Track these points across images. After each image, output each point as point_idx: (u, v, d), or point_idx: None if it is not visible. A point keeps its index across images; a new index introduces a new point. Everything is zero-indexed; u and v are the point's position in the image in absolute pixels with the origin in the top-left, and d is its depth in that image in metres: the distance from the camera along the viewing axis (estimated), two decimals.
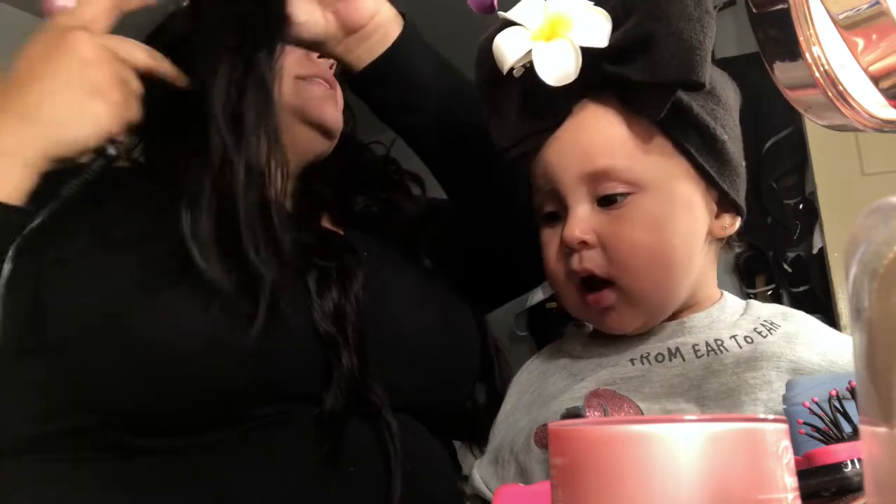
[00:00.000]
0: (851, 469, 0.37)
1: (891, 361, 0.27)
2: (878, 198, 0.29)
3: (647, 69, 0.55)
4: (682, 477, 0.25)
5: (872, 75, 0.36)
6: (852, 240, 0.29)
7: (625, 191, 0.58)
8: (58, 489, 0.59)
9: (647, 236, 0.58)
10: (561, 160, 0.60)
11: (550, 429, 0.29)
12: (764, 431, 0.26)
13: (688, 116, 0.59)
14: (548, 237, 0.63)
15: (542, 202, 0.63)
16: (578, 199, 0.59)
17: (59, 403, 0.59)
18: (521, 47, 0.57)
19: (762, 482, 0.25)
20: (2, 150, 0.57)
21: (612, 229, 0.58)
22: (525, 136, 0.61)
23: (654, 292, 0.60)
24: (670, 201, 0.59)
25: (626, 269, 0.58)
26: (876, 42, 0.35)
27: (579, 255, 0.59)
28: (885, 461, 0.27)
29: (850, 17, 0.35)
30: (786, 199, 2.15)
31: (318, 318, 0.62)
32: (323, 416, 0.60)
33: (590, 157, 0.59)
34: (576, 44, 0.55)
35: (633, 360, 0.60)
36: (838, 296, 1.87)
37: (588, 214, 0.59)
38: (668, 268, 0.59)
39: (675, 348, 0.60)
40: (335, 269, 0.65)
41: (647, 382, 0.58)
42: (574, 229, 0.58)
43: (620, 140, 0.59)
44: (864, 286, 0.28)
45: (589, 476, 0.26)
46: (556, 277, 0.62)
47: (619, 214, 0.58)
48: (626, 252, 0.58)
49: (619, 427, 0.26)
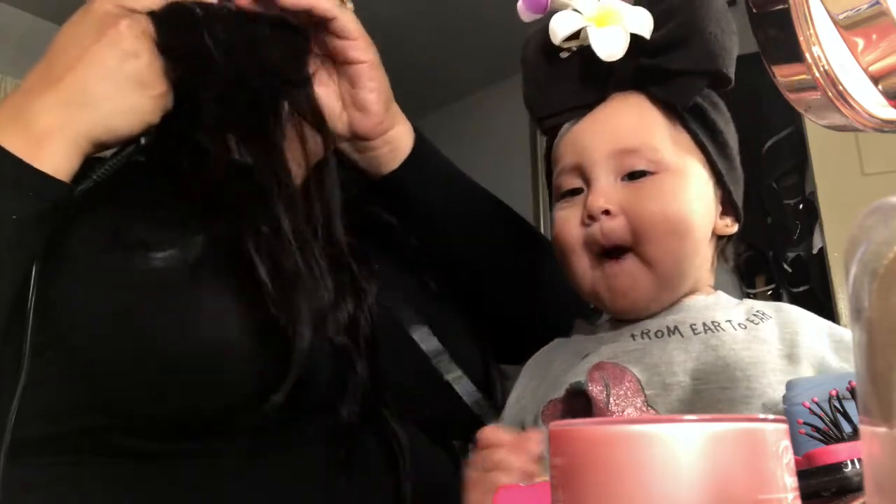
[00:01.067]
0: (851, 469, 0.37)
1: (891, 361, 0.27)
2: (878, 198, 0.29)
3: (683, 60, 0.63)
4: (682, 477, 0.25)
5: (872, 75, 0.36)
6: (852, 240, 0.29)
7: (650, 169, 0.63)
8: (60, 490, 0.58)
9: (668, 207, 0.63)
10: (594, 136, 0.65)
11: (550, 429, 0.29)
12: (764, 431, 0.26)
13: (704, 117, 0.66)
14: (566, 212, 0.67)
15: (563, 180, 0.67)
16: (604, 173, 0.64)
17: (66, 404, 0.58)
18: (575, 23, 0.65)
19: (762, 482, 0.25)
20: (49, 127, 0.56)
21: (636, 199, 0.63)
22: (565, 109, 0.67)
23: (669, 260, 0.63)
24: (689, 184, 0.64)
25: (646, 235, 0.62)
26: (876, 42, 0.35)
27: (600, 224, 0.63)
28: (886, 461, 0.27)
29: (850, 17, 0.35)
30: (786, 199, 2.15)
31: (332, 329, 0.61)
32: (339, 426, 0.59)
33: (622, 135, 0.64)
34: (627, 29, 0.63)
35: (634, 336, 0.64)
36: (838, 296, 1.87)
37: (612, 187, 0.64)
38: (685, 237, 0.63)
39: (673, 326, 0.63)
40: (350, 280, 0.65)
41: (646, 354, 0.61)
42: (599, 198, 0.63)
43: (650, 124, 0.65)
44: (864, 286, 0.28)
45: (589, 476, 0.26)
46: (571, 248, 0.66)
47: (641, 187, 0.63)
48: (649, 219, 0.62)
49: (619, 427, 0.26)
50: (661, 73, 0.64)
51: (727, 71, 0.63)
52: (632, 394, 0.59)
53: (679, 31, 0.63)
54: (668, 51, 0.63)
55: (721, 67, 0.63)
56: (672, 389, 0.58)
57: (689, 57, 0.63)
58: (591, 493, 0.26)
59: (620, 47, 0.63)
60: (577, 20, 0.65)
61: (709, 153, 0.66)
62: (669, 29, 0.63)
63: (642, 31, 0.64)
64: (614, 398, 0.59)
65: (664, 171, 0.63)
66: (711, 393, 0.57)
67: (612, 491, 0.25)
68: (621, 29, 0.63)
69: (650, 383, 0.59)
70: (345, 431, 0.59)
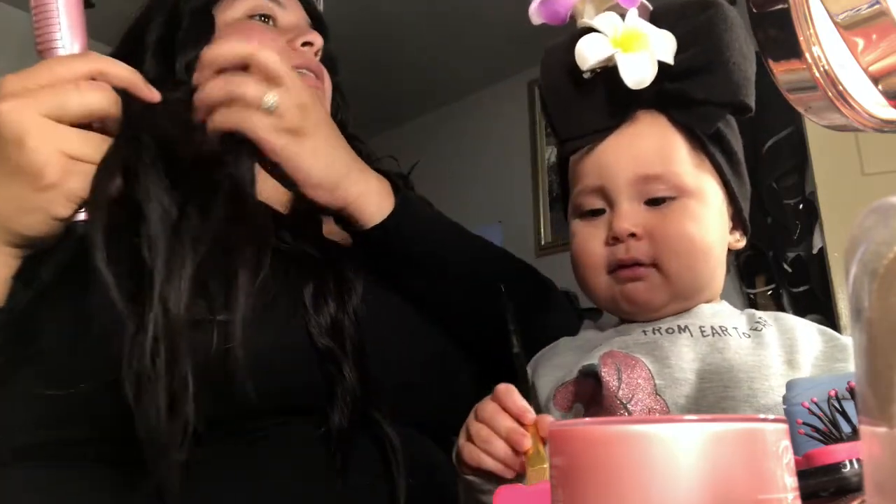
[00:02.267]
0: (850, 469, 0.37)
1: (891, 361, 0.27)
2: (878, 198, 0.29)
3: (707, 89, 0.64)
4: (682, 477, 0.25)
5: (872, 75, 0.36)
6: (852, 240, 0.29)
7: (671, 195, 0.66)
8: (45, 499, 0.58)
9: (690, 228, 0.66)
10: (618, 162, 0.67)
11: (550, 429, 0.29)
12: (764, 431, 0.26)
13: (722, 141, 0.69)
14: (587, 230, 0.69)
15: (584, 199, 0.69)
16: (629, 198, 0.66)
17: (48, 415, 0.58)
18: (604, 50, 0.65)
19: (762, 482, 0.25)
20: None
21: (660, 223, 0.66)
22: (589, 132, 0.68)
23: (688, 274, 0.66)
24: (708, 206, 0.67)
25: (670, 254, 0.65)
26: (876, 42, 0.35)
27: (626, 246, 0.66)
28: (886, 461, 0.27)
29: (850, 17, 0.35)
30: (786, 199, 2.15)
31: (315, 332, 0.61)
32: (331, 433, 0.59)
33: (645, 162, 0.66)
34: (654, 56, 0.64)
35: (645, 331, 0.66)
36: (838, 296, 1.87)
37: (636, 211, 0.66)
38: (706, 256, 0.66)
39: (683, 325, 0.66)
40: (332, 281, 0.64)
41: (657, 347, 0.64)
42: (624, 222, 0.65)
43: (672, 150, 0.67)
44: (864, 286, 0.28)
45: (589, 476, 0.26)
46: (593, 266, 0.68)
47: (664, 212, 0.66)
48: (673, 240, 0.65)
49: (619, 427, 0.26)
50: (685, 99, 0.65)
51: (748, 101, 0.65)
52: (643, 381, 0.61)
53: (702, 57, 0.64)
54: (691, 77, 0.64)
55: (743, 98, 0.65)
56: (680, 384, 0.60)
57: (711, 86, 0.64)
58: (591, 493, 0.26)
59: (649, 75, 0.64)
60: (605, 47, 0.65)
61: (724, 174, 0.68)
62: (693, 54, 0.64)
63: (668, 58, 0.64)
64: (625, 384, 0.61)
65: (685, 196, 0.66)
66: (715, 392, 0.59)
67: (611, 491, 0.25)
68: (649, 56, 0.64)
69: (660, 374, 0.61)
70: (337, 436, 0.59)
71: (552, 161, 2.87)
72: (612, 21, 0.66)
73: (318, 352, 0.61)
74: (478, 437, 0.57)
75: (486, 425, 0.57)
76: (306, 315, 0.62)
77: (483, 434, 0.57)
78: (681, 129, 0.67)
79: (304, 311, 0.62)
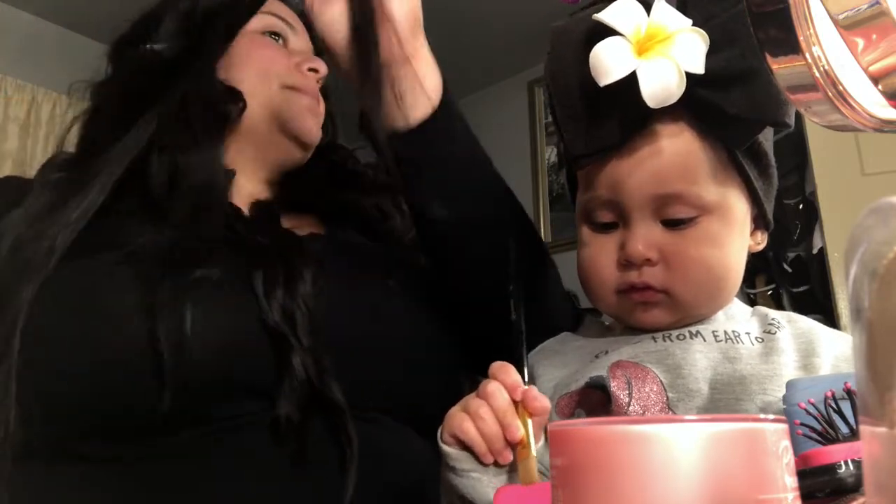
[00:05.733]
0: (846, 470, 0.37)
1: (891, 361, 0.27)
2: (878, 198, 0.29)
3: (745, 104, 0.56)
4: (682, 477, 0.25)
5: (872, 75, 0.35)
6: (852, 240, 0.29)
7: (692, 215, 0.60)
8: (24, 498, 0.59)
9: (709, 254, 0.60)
10: (634, 178, 0.60)
11: (550, 429, 0.29)
12: (764, 431, 0.26)
13: (756, 147, 0.62)
14: (598, 244, 0.64)
15: (596, 210, 0.64)
16: (644, 217, 0.61)
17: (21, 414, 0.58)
18: (625, 65, 0.56)
19: (762, 482, 0.25)
20: None
21: (677, 248, 0.60)
22: (605, 148, 0.61)
23: (702, 301, 0.63)
24: (730, 223, 0.62)
25: (685, 282, 0.61)
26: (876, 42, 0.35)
27: (639, 270, 0.61)
28: (886, 461, 0.27)
29: (850, 17, 0.35)
30: (786, 199, 2.15)
31: (267, 319, 0.61)
32: (279, 422, 0.59)
33: (665, 180, 0.60)
34: (681, 67, 0.55)
35: (655, 339, 0.63)
36: (838, 296, 1.87)
37: (651, 232, 0.61)
38: (723, 283, 0.62)
39: (695, 331, 0.62)
40: (282, 270, 0.64)
41: (668, 356, 0.60)
42: (639, 245, 0.60)
43: (695, 166, 0.60)
44: (864, 286, 0.28)
45: (589, 476, 0.26)
46: (602, 284, 0.64)
47: (683, 235, 0.60)
48: (689, 268, 0.60)
49: (619, 427, 0.26)
50: (716, 112, 0.57)
51: (790, 119, 0.57)
52: (654, 395, 0.58)
53: (741, 63, 0.55)
54: (725, 85, 0.57)
55: (785, 117, 0.57)
56: (693, 396, 0.57)
57: (749, 99, 0.56)
58: (591, 493, 0.26)
59: (674, 94, 0.55)
60: (626, 58, 0.56)
61: (752, 184, 0.63)
62: (730, 58, 0.56)
63: (695, 68, 0.55)
64: (636, 399, 0.58)
65: (706, 214, 0.60)
66: (728, 404, 0.56)
67: (612, 491, 0.25)
68: (674, 68, 0.55)
69: (673, 385, 0.58)
70: (285, 426, 0.59)
71: (552, 161, 2.87)
72: (633, 15, 0.57)
73: (269, 339, 0.61)
74: (471, 408, 0.53)
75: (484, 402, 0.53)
76: (257, 302, 0.62)
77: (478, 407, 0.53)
78: (707, 141, 0.60)
79: (255, 298, 0.62)
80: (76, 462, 0.59)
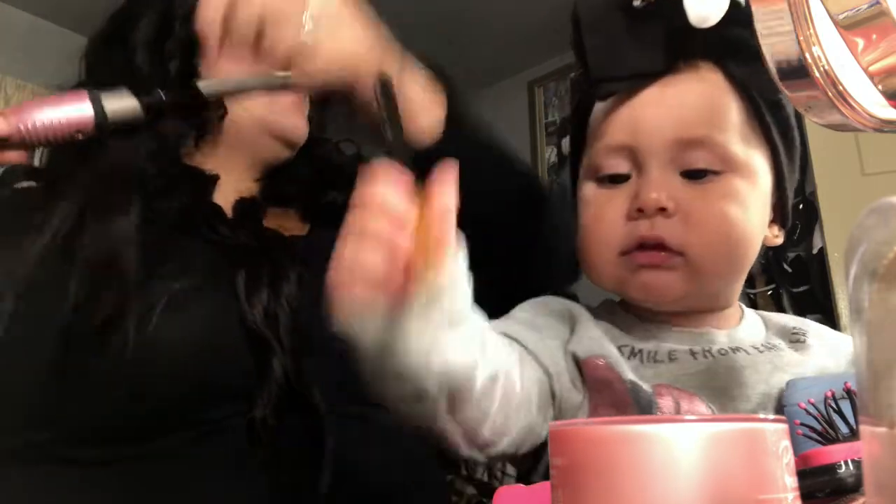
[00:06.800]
0: (845, 470, 0.37)
1: (891, 361, 0.27)
2: (878, 198, 0.29)
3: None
4: (682, 477, 0.25)
5: (872, 75, 0.35)
6: (852, 240, 0.29)
7: (715, 168, 0.54)
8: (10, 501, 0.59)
9: (732, 212, 0.54)
10: (656, 118, 0.55)
11: (550, 429, 0.29)
12: (764, 431, 0.26)
13: (780, 110, 0.57)
14: (604, 197, 0.57)
15: (606, 159, 0.57)
16: (662, 165, 0.54)
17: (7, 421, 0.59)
18: None
19: (762, 482, 0.25)
20: None
21: (699, 202, 0.54)
22: (631, 75, 0.55)
23: (721, 268, 0.56)
24: (756, 189, 0.56)
25: (705, 241, 0.54)
26: (876, 42, 0.35)
27: (651, 221, 0.54)
28: (886, 461, 0.27)
29: (850, 17, 0.35)
30: None
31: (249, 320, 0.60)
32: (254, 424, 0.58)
33: (689, 122, 0.54)
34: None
35: (694, 353, 0.56)
36: (838, 296, 1.87)
37: (669, 181, 0.54)
38: (743, 250, 0.56)
39: (735, 346, 0.57)
40: (266, 270, 0.63)
41: (713, 376, 0.54)
42: (652, 192, 0.53)
43: (723, 112, 0.55)
44: (864, 286, 0.28)
45: (589, 476, 0.26)
46: (606, 241, 0.56)
47: (705, 189, 0.54)
48: (710, 224, 0.54)
49: (619, 427, 0.26)
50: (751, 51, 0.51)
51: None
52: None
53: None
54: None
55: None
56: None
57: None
58: (591, 493, 0.26)
59: (717, 12, 0.51)
60: None
61: (778, 152, 0.57)
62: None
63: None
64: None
65: (730, 171, 0.54)
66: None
67: (611, 491, 0.25)
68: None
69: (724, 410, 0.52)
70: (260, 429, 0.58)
71: (552, 161, 2.86)
72: None
73: (250, 343, 0.60)
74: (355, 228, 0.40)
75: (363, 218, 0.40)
76: (239, 305, 0.61)
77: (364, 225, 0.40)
78: (737, 89, 0.55)
79: (237, 300, 0.61)
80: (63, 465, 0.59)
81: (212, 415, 0.60)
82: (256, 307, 0.61)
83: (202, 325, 0.60)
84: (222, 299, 0.61)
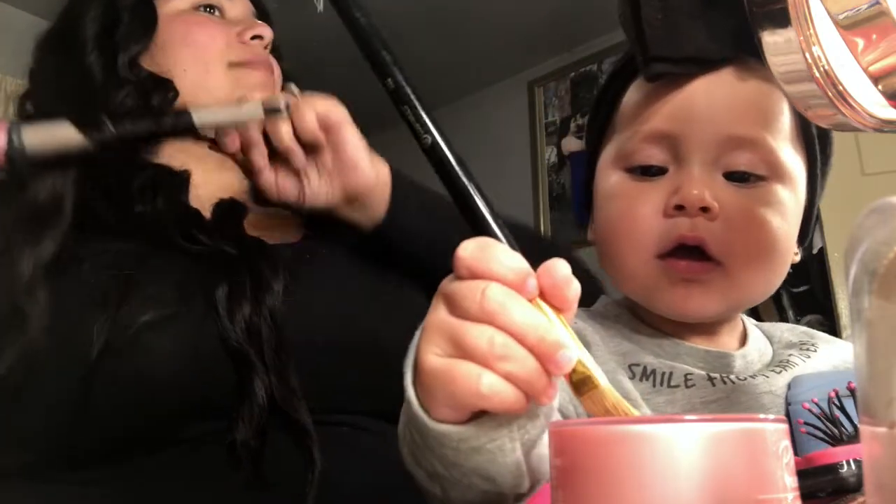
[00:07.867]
0: (847, 470, 0.37)
1: (891, 361, 0.27)
2: (878, 198, 0.29)
3: None
4: (682, 477, 0.25)
5: (872, 75, 0.35)
6: (852, 240, 0.29)
7: (760, 172, 0.51)
8: None
9: (777, 223, 0.51)
10: (707, 108, 0.51)
11: (550, 429, 0.29)
12: (764, 431, 0.26)
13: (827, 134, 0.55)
14: (637, 190, 0.52)
15: (641, 148, 0.52)
16: (705, 160, 0.51)
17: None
18: None
19: (762, 482, 0.25)
20: None
21: (745, 207, 0.50)
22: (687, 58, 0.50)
23: (759, 282, 0.53)
24: (795, 201, 0.53)
25: (746, 252, 0.50)
26: (876, 42, 0.35)
27: (692, 221, 0.50)
28: (886, 461, 0.27)
29: (850, 17, 0.35)
30: None
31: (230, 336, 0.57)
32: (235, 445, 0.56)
33: (744, 119, 0.51)
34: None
35: (713, 380, 0.52)
36: (838, 296, 1.87)
37: (712, 180, 0.51)
38: (781, 266, 0.53)
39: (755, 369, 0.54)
40: (248, 281, 0.60)
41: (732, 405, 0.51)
42: (693, 189, 0.49)
43: (777, 115, 0.51)
44: (864, 286, 0.28)
45: (589, 476, 0.26)
46: (639, 239, 0.52)
47: (749, 194, 0.51)
48: (754, 235, 0.50)
49: (619, 427, 0.26)
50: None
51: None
52: None
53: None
54: None
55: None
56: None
57: None
58: (591, 493, 0.26)
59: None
60: None
61: (815, 165, 0.55)
62: None
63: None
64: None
65: (775, 179, 0.51)
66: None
67: (612, 491, 0.25)
68: None
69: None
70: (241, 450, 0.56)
71: (552, 161, 2.86)
72: None
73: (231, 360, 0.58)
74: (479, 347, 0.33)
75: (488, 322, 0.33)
76: (218, 320, 0.58)
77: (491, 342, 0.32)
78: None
79: (217, 315, 0.58)
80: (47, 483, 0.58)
81: (195, 433, 0.58)
82: (238, 323, 0.58)
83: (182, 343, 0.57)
84: (201, 314, 0.58)
